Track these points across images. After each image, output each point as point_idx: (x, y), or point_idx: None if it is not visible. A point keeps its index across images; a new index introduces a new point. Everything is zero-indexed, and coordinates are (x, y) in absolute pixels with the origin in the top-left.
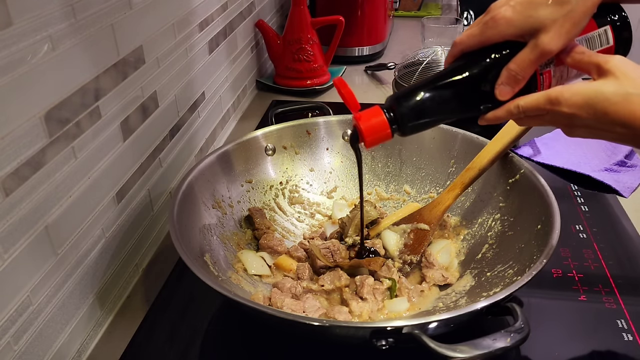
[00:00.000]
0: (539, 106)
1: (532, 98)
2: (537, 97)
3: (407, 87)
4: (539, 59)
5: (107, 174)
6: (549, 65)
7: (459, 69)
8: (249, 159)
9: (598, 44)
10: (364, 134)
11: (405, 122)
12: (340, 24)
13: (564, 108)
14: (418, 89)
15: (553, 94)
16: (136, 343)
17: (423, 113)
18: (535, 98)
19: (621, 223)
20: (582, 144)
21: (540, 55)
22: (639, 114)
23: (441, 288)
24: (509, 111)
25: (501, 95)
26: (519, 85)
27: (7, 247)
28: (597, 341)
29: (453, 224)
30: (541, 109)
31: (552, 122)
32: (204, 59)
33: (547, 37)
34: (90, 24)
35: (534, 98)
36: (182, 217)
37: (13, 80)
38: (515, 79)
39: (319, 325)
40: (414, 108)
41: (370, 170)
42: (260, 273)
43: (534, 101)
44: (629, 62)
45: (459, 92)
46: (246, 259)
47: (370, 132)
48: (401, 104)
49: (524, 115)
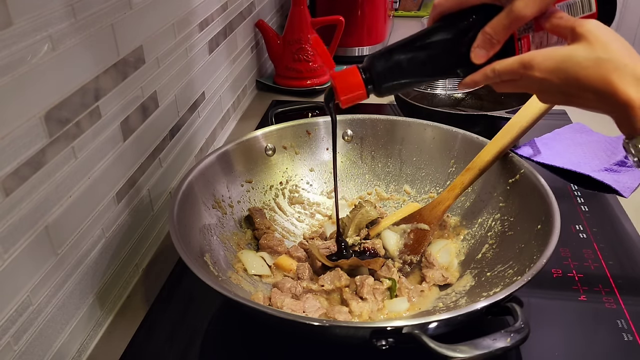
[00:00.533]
0: (512, 70)
1: (506, 62)
2: (511, 62)
3: (384, 47)
4: (514, 24)
5: (107, 174)
6: (528, 31)
7: (436, 30)
8: (249, 159)
9: (580, 11)
10: (338, 93)
11: (381, 82)
12: (340, 24)
13: (536, 72)
14: (395, 49)
15: (526, 58)
16: (136, 343)
17: (399, 73)
18: (509, 62)
19: (621, 223)
20: (582, 144)
21: (514, 19)
22: (609, 80)
23: (441, 288)
24: (485, 75)
25: (476, 58)
26: (494, 49)
27: (7, 247)
28: (597, 341)
29: (453, 224)
30: (515, 72)
31: (526, 87)
32: (204, 59)
33: (522, 3)
34: (90, 24)
35: (508, 62)
36: (182, 217)
37: (13, 80)
38: (490, 42)
39: (319, 325)
40: (390, 68)
41: (370, 170)
42: (260, 273)
43: (508, 65)
44: (603, 26)
45: (436, 54)
46: (246, 259)
47: (345, 91)
48: (377, 63)
49: (500, 80)
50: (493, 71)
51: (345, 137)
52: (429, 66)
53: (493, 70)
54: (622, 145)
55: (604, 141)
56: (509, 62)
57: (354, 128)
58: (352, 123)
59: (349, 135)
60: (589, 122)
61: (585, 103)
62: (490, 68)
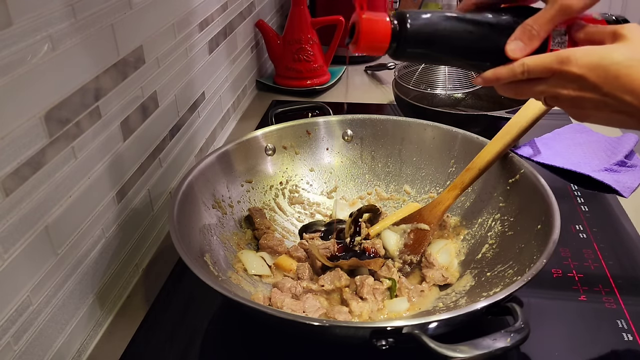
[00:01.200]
0: (545, 65)
1: (540, 56)
2: (545, 56)
3: (420, 10)
4: (558, 15)
5: (107, 174)
6: (562, 45)
7: (475, 13)
8: (249, 159)
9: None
10: (361, 31)
11: (408, 44)
12: (340, 24)
13: (574, 68)
14: (432, 15)
15: (564, 53)
16: (136, 343)
17: (430, 41)
18: (543, 56)
19: (621, 223)
20: (582, 144)
21: (559, 10)
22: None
23: (441, 288)
24: (512, 70)
25: (512, 51)
26: (533, 44)
27: (7, 247)
28: (597, 341)
29: (453, 224)
30: (548, 68)
31: (555, 85)
32: (204, 59)
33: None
34: (90, 24)
35: (542, 56)
36: (182, 217)
37: (13, 80)
38: (530, 35)
39: (319, 325)
40: (424, 33)
41: (370, 170)
42: (260, 273)
43: (541, 59)
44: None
45: (469, 35)
46: (246, 259)
47: (368, 33)
48: (412, 23)
49: (527, 77)
50: (522, 65)
51: (345, 137)
52: (459, 45)
53: (523, 64)
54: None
55: (604, 141)
56: (542, 56)
57: (354, 128)
58: (352, 123)
59: (349, 135)
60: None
61: (618, 108)
62: (519, 62)
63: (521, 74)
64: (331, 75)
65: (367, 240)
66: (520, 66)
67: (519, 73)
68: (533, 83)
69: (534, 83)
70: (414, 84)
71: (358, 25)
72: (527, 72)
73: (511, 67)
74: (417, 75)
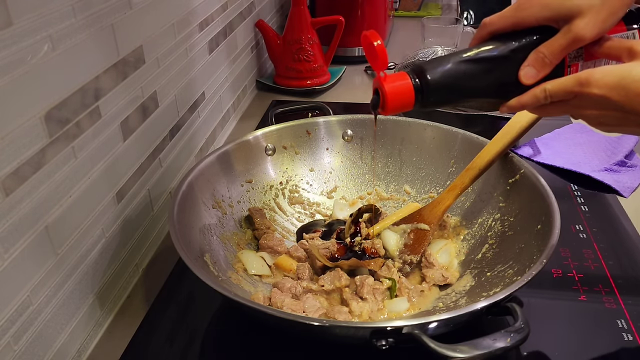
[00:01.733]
0: (566, 89)
1: (560, 80)
2: (565, 79)
3: (433, 59)
4: (571, 45)
5: (107, 174)
6: (578, 59)
7: (489, 48)
8: (249, 159)
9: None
10: (387, 97)
11: (431, 93)
12: (340, 24)
13: (594, 89)
14: (446, 61)
15: (583, 75)
16: (136, 343)
17: (449, 89)
18: (563, 80)
19: (621, 223)
20: (582, 144)
21: (572, 40)
22: None
23: (441, 288)
24: (535, 96)
25: (525, 77)
26: (545, 70)
27: (7, 247)
28: (597, 341)
29: (453, 224)
30: (569, 91)
31: (578, 106)
32: (204, 59)
33: (582, 23)
34: (90, 24)
35: (562, 80)
36: (182, 217)
37: (13, 80)
38: (542, 62)
39: (319, 325)
40: (441, 82)
41: (370, 170)
42: (260, 273)
43: (561, 84)
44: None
45: (488, 74)
46: (246, 259)
47: (393, 97)
48: (429, 73)
49: (550, 101)
50: (544, 91)
51: (345, 137)
52: (482, 86)
53: (544, 90)
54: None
55: (604, 141)
56: (562, 80)
57: (354, 128)
58: (352, 123)
59: (349, 135)
60: None
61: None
62: (540, 88)
63: (544, 99)
64: (331, 75)
65: (367, 241)
66: (542, 92)
67: (542, 98)
68: (557, 105)
69: (558, 105)
70: None
71: (382, 91)
72: (550, 96)
73: (534, 93)
74: None
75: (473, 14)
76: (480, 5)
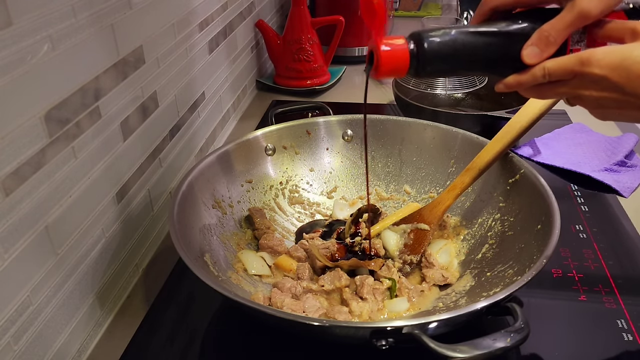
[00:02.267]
0: (567, 67)
1: (560, 59)
2: (566, 58)
3: (433, 27)
4: (576, 22)
5: (107, 174)
6: (581, 43)
7: (490, 23)
8: (249, 159)
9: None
10: (380, 58)
11: (427, 62)
12: (340, 24)
13: (595, 69)
14: (446, 32)
15: (585, 54)
16: (136, 343)
17: (446, 58)
18: (564, 58)
19: (621, 223)
20: (582, 144)
21: (577, 16)
22: None
23: (441, 288)
24: (534, 75)
25: (528, 57)
26: (549, 50)
27: (7, 247)
28: (597, 341)
29: (453, 224)
30: (569, 70)
31: (578, 87)
32: (204, 59)
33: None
34: (90, 24)
35: (562, 59)
36: (182, 218)
37: (13, 80)
38: (546, 41)
39: (319, 325)
40: (441, 49)
41: (370, 170)
42: (260, 273)
43: (562, 62)
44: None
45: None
46: (246, 259)
47: (388, 59)
48: (429, 41)
49: (548, 80)
50: (543, 69)
51: (345, 137)
52: (480, 59)
53: (543, 68)
54: None
55: (604, 141)
56: (563, 59)
57: (354, 128)
58: (352, 123)
59: (349, 135)
60: (589, 122)
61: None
62: (540, 66)
63: (542, 77)
64: (331, 75)
65: (367, 241)
66: (541, 70)
67: (540, 77)
68: (555, 85)
69: (556, 85)
70: (414, 84)
71: (376, 53)
72: (549, 75)
73: (532, 72)
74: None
75: (473, 14)
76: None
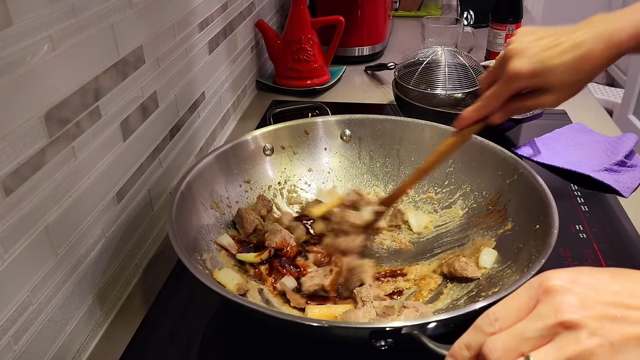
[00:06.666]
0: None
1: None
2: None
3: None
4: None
5: (107, 174)
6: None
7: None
8: (247, 159)
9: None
10: None
11: None
12: (340, 24)
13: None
14: None
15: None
16: (136, 343)
17: None
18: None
19: (621, 223)
20: (582, 144)
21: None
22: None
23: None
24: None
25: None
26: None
27: (7, 247)
28: None
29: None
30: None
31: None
32: (204, 59)
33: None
34: (90, 24)
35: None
36: (181, 218)
37: (13, 80)
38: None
39: (318, 325)
40: None
41: (368, 170)
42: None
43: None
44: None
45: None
46: (223, 278)
47: None
48: None
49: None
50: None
51: (344, 137)
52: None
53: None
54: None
55: (604, 141)
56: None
57: (352, 128)
58: (351, 123)
59: (347, 135)
60: (589, 122)
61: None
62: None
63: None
64: (331, 75)
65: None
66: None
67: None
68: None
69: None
70: (414, 84)
71: None
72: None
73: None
74: (417, 75)
75: (473, 14)
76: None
